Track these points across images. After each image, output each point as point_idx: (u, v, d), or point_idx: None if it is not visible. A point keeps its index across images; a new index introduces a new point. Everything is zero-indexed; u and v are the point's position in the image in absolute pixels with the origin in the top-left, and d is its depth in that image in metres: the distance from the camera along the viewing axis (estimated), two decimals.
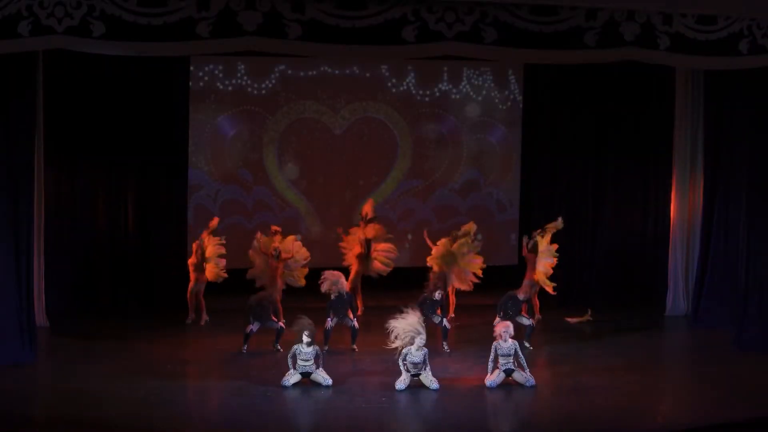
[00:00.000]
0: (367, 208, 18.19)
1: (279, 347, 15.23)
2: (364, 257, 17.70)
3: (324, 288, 15.62)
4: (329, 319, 15.40)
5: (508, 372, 13.80)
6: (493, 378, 13.74)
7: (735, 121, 16.68)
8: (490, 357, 13.84)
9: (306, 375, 13.71)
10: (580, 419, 12.50)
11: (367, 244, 17.74)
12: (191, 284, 17.10)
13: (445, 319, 15.70)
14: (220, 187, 19.22)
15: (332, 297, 15.54)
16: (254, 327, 15.23)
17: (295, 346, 13.69)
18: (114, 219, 18.04)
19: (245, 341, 15.23)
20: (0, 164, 14.09)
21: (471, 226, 17.52)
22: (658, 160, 18.85)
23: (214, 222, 17.33)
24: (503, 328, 13.87)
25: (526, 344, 15.64)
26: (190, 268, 17.10)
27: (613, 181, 19.18)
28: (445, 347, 15.52)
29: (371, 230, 17.92)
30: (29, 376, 13.95)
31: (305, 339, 13.62)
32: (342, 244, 18.05)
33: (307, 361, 13.67)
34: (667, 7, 14.32)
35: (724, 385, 14.01)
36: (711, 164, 17.28)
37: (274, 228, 17.37)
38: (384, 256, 17.88)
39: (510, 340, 13.81)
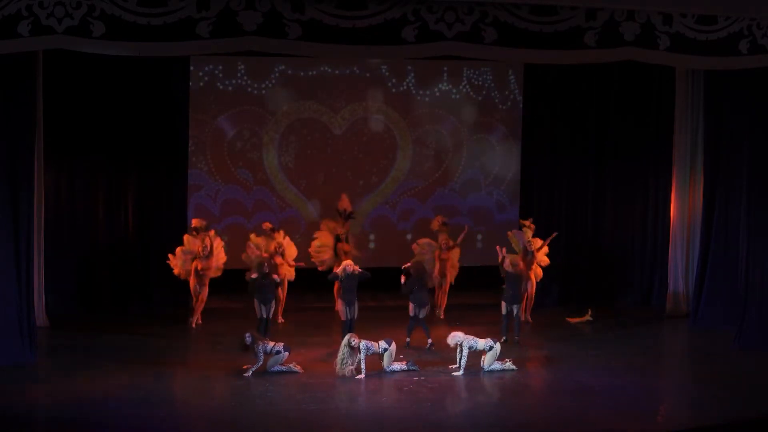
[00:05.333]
0: (346, 204, 18.32)
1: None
2: (349, 252, 17.80)
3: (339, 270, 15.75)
4: (343, 310, 15.42)
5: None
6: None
7: (735, 121, 16.67)
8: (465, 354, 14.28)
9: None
10: (580, 419, 12.50)
11: (347, 239, 17.96)
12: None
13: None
14: (220, 187, 19.23)
15: (341, 278, 15.57)
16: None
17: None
18: (114, 219, 18.04)
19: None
20: (0, 164, 14.09)
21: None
22: (658, 160, 18.85)
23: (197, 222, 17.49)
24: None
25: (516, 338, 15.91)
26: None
27: (613, 181, 19.19)
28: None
29: (348, 228, 18.17)
30: (29, 376, 13.95)
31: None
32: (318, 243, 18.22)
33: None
34: (667, 7, 14.32)
35: (724, 385, 14.01)
36: (711, 164, 17.27)
37: (269, 225, 17.47)
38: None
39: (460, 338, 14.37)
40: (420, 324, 15.73)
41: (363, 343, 14.08)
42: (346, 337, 14.19)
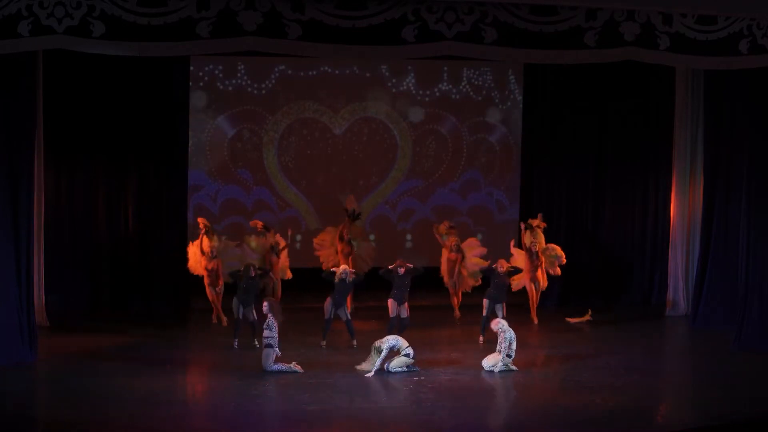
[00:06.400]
0: (353, 204, 18.35)
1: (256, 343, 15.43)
2: (348, 254, 17.79)
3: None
4: (329, 309, 15.51)
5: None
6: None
7: (735, 121, 16.68)
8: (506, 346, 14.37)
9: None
10: (580, 419, 12.50)
11: (349, 241, 17.94)
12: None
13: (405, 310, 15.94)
14: (220, 187, 19.24)
15: (335, 281, 15.65)
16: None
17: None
18: (114, 219, 18.04)
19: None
20: (0, 164, 14.09)
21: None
22: (658, 160, 18.86)
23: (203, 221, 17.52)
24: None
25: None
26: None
27: (613, 181, 19.20)
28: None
29: (356, 230, 18.13)
30: (29, 376, 13.95)
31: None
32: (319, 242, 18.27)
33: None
34: (667, 7, 14.32)
35: (724, 385, 14.01)
36: (711, 164, 17.28)
37: (259, 224, 17.52)
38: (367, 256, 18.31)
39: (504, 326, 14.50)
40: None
41: (387, 344, 14.13)
42: (376, 344, 14.27)
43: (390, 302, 15.83)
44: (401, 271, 15.88)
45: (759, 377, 14.30)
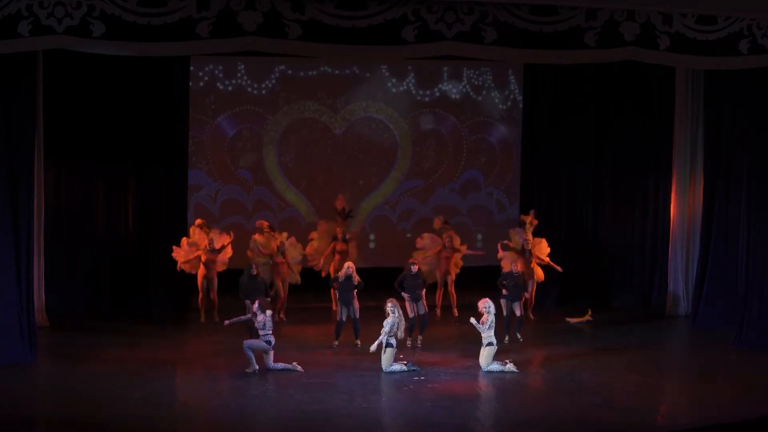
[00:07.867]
0: (343, 203, 18.38)
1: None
2: (345, 253, 17.81)
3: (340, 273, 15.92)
4: (339, 310, 15.56)
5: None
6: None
7: (735, 122, 16.69)
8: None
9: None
10: (580, 419, 12.50)
11: (344, 239, 18.02)
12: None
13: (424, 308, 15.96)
14: (220, 187, 19.22)
15: (340, 279, 15.70)
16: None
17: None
18: (114, 219, 18.05)
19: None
20: (0, 164, 14.10)
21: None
22: (658, 160, 18.86)
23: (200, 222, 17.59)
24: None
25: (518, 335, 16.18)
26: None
27: (613, 181, 19.20)
28: (418, 341, 15.78)
29: (345, 227, 18.23)
30: (29, 376, 13.96)
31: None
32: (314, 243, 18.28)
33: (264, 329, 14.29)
34: (667, 7, 14.33)
35: (724, 385, 14.02)
36: (711, 164, 17.29)
37: (265, 224, 17.56)
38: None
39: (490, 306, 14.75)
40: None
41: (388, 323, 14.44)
42: (396, 315, 14.46)
43: (407, 304, 15.79)
44: (414, 269, 15.92)
45: (759, 377, 14.31)
